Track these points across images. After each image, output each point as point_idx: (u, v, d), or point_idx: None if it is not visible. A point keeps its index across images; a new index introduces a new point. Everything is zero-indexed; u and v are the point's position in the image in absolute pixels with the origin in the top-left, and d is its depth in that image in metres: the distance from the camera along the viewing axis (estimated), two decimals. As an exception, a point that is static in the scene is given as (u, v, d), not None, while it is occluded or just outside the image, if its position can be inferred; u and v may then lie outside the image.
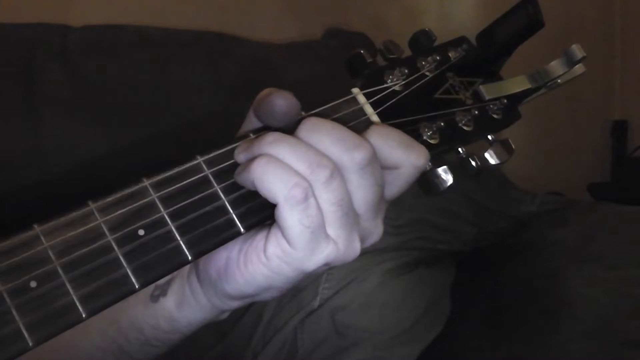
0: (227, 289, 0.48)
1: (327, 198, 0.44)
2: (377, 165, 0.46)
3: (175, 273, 0.53)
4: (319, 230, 0.44)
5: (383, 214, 0.48)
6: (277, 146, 0.44)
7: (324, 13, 1.51)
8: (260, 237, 0.46)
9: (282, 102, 0.46)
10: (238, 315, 0.97)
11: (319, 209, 0.43)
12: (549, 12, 0.52)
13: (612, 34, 1.94)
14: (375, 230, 0.48)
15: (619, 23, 1.94)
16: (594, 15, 1.92)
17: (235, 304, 0.50)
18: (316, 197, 0.43)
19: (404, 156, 0.47)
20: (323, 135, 0.45)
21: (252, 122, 0.49)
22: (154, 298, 0.53)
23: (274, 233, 0.45)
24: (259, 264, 0.45)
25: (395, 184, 0.48)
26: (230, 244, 0.47)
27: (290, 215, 0.43)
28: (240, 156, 0.46)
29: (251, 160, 0.44)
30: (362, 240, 0.47)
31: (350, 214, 0.45)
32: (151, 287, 0.52)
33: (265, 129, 0.47)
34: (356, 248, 0.46)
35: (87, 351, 0.56)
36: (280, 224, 0.44)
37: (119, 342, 0.54)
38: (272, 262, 0.45)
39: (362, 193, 0.45)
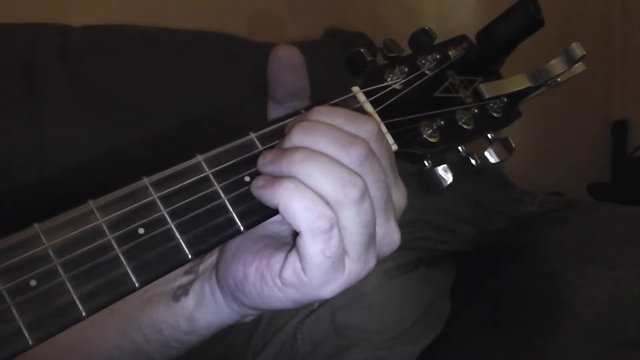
0: (244, 301, 0.47)
1: (359, 221, 0.42)
2: (376, 159, 0.44)
3: (198, 274, 0.53)
4: (339, 260, 0.43)
5: (394, 215, 0.47)
6: (307, 165, 0.42)
7: (324, 13, 1.51)
8: (276, 260, 0.45)
9: (285, 52, 0.50)
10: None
11: (341, 239, 0.43)
12: (548, 12, 0.52)
13: (612, 34, 1.94)
14: (392, 236, 0.46)
15: (619, 23, 1.94)
16: (594, 15, 1.92)
17: (254, 312, 0.50)
18: (344, 221, 0.42)
19: (359, 130, 0.45)
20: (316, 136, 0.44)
21: (276, 107, 0.49)
22: (176, 297, 0.52)
23: (292, 260, 0.44)
24: (273, 288, 0.45)
25: None
26: (247, 260, 0.46)
27: (312, 245, 0.42)
28: (266, 168, 0.44)
29: (276, 180, 0.43)
30: (379, 251, 0.46)
31: (374, 236, 0.44)
32: (174, 286, 0.53)
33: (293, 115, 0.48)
34: (371, 266, 0.45)
35: (104, 349, 0.55)
36: (301, 253, 0.43)
37: (137, 341, 0.54)
38: (287, 287, 0.44)
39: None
